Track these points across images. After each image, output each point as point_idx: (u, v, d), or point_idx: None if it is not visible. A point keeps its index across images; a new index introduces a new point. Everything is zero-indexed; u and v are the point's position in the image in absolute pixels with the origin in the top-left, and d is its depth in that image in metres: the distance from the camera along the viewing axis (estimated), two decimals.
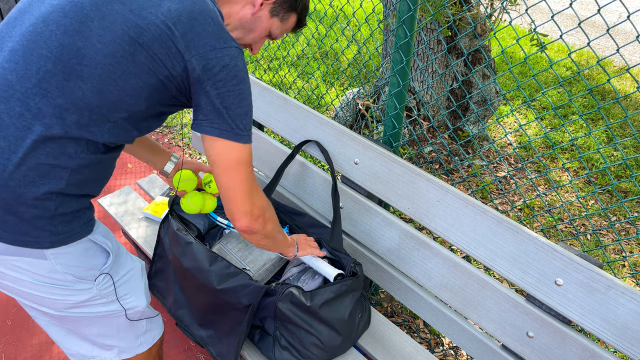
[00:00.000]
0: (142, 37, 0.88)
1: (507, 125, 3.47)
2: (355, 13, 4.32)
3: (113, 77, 0.89)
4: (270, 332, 1.32)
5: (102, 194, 2.69)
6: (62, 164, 0.91)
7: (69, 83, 0.87)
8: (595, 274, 1.08)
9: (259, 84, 1.76)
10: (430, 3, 2.01)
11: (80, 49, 0.87)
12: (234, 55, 0.93)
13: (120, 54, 0.88)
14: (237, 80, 0.94)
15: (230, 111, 0.94)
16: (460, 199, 1.28)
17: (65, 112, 0.88)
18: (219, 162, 0.97)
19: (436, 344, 1.93)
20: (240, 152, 0.97)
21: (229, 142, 0.96)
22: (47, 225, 0.94)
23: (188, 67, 0.91)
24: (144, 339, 1.25)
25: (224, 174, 0.98)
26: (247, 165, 0.99)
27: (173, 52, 0.89)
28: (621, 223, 2.58)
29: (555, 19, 5.01)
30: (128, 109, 0.93)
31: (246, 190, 1.00)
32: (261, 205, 1.05)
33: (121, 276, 1.13)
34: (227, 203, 1.01)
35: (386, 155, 1.42)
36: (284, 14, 1.12)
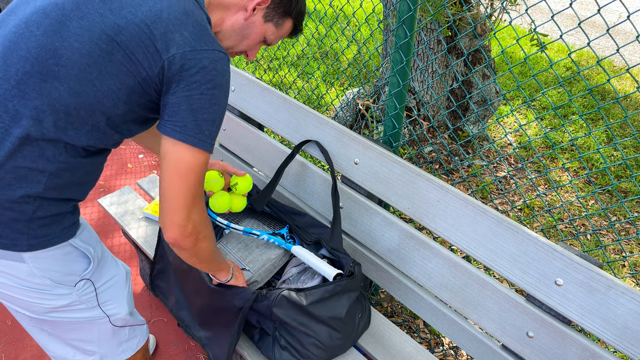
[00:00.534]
0: (119, 35, 0.85)
1: (507, 125, 3.47)
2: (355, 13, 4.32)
3: (90, 77, 0.86)
4: (270, 333, 1.32)
5: (102, 194, 2.69)
6: (40, 167, 0.89)
7: (45, 84, 0.85)
8: (595, 274, 1.08)
9: (259, 84, 1.76)
10: (430, 3, 2.01)
11: (57, 49, 0.85)
12: (215, 59, 0.89)
13: (97, 53, 0.85)
14: (212, 85, 0.89)
15: (198, 114, 0.89)
16: (460, 199, 1.28)
17: (42, 114, 0.86)
18: (170, 164, 0.90)
19: (436, 344, 1.93)
20: (196, 159, 0.91)
21: (187, 146, 0.89)
22: (25, 228, 0.92)
23: (165, 67, 0.87)
24: (127, 346, 1.25)
25: (169, 178, 0.91)
26: (198, 174, 0.92)
27: (151, 51, 0.86)
28: (621, 223, 2.58)
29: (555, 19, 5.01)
30: (106, 111, 0.90)
31: (187, 202, 0.92)
32: (198, 222, 0.97)
33: (103, 282, 1.11)
34: (162, 209, 0.94)
35: (386, 155, 1.42)
36: (278, 19, 1.09)
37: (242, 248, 1.52)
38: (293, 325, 1.27)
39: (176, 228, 0.94)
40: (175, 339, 1.90)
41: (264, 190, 1.57)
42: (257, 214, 1.68)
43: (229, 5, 1.03)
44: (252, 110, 1.79)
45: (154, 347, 1.86)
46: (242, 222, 1.62)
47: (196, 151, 0.90)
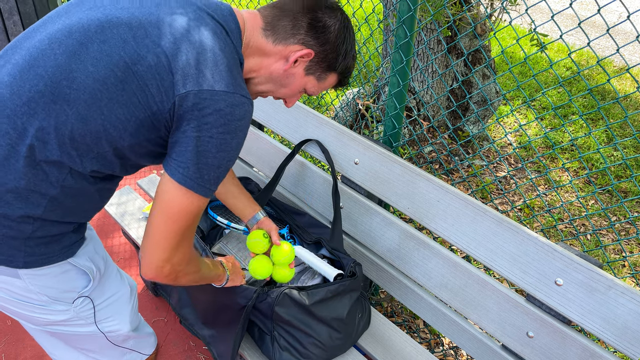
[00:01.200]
0: (137, 65, 0.82)
1: (507, 125, 3.47)
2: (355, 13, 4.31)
3: (99, 104, 0.83)
4: (270, 333, 1.32)
5: None
6: (42, 190, 0.86)
7: (55, 105, 0.82)
8: (595, 274, 1.08)
9: None
10: (430, 3, 2.01)
11: (72, 70, 0.82)
12: (234, 103, 0.84)
13: (111, 80, 0.82)
14: (225, 129, 0.83)
15: (203, 159, 0.84)
16: (460, 199, 1.28)
17: (47, 135, 0.83)
18: (163, 203, 0.86)
19: (436, 344, 1.93)
20: (191, 204, 0.86)
21: (183, 189, 0.85)
22: (22, 245, 0.89)
23: (176, 103, 0.82)
24: (131, 356, 1.23)
25: (159, 216, 0.86)
26: (189, 218, 0.88)
27: (166, 85, 0.82)
28: (621, 223, 2.58)
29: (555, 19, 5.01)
30: (112, 141, 0.86)
31: (170, 244, 0.88)
32: (177, 264, 0.91)
33: (104, 299, 1.09)
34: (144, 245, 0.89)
35: (386, 155, 1.42)
36: (321, 72, 1.02)
37: (242, 248, 1.52)
38: (294, 325, 1.27)
39: (153, 268, 0.89)
40: (175, 339, 1.90)
41: (265, 190, 1.57)
42: None
43: (269, 53, 0.97)
44: (253, 110, 1.79)
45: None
46: (242, 222, 1.62)
47: (192, 195, 0.86)
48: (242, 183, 1.65)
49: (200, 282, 1.06)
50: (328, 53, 0.98)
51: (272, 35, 0.95)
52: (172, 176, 0.85)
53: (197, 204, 0.87)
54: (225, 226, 1.51)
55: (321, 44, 0.97)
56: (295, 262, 1.52)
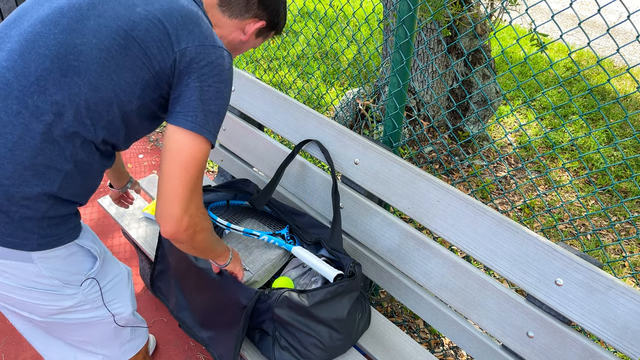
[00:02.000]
0: (135, 30, 0.90)
1: (507, 125, 3.47)
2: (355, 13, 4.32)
3: (108, 71, 0.90)
4: (270, 333, 1.32)
5: (102, 194, 2.69)
6: (58, 166, 0.91)
7: (65, 79, 0.88)
8: (595, 274, 1.08)
9: (259, 84, 1.76)
10: (430, 3, 2.01)
11: (77, 45, 0.89)
12: (221, 55, 0.95)
13: (115, 48, 0.90)
14: (219, 79, 0.94)
15: (207, 106, 0.93)
16: (460, 199, 1.28)
17: (62, 108, 0.89)
18: (175, 153, 0.92)
19: (436, 344, 1.93)
20: (200, 149, 0.93)
21: (194, 135, 0.92)
22: (35, 227, 0.93)
23: (177, 59, 0.92)
24: (128, 346, 1.25)
25: (172, 167, 0.92)
26: (200, 165, 0.94)
27: (164, 44, 0.92)
28: (621, 223, 2.58)
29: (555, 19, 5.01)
30: (121, 106, 0.93)
31: (185, 193, 0.93)
32: (195, 215, 0.96)
33: (107, 281, 1.12)
34: (159, 201, 0.93)
35: (386, 155, 1.42)
36: (267, 33, 1.20)
37: (242, 248, 1.52)
38: (294, 325, 1.27)
39: (173, 221, 0.93)
40: (175, 339, 1.90)
41: (264, 190, 1.57)
42: (258, 214, 1.68)
43: (225, 25, 1.10)
44: (252, 110, 1.79)
45: (154, 347, 1.86)
46: (242, 223, 1.62)
47: (203, 141, 0.94)
48: (241, 185, 1.66)
49: (211, 249, 1.12)
50: (273, 18, 1.16)
51: (227, 11, 1.09)
52: (183, 125, 0.92)
53: (205, 150, 0.95)
54: (226, 227, 1.51)
55: (269, 13, 1.14)
56: (295, 263, 1.52)
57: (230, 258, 1.26)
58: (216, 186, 1.64)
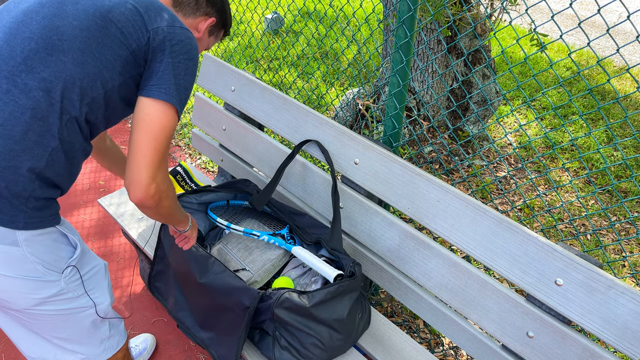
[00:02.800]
0: (111, 12, 0.99)
1: (507, 125, 3.47)
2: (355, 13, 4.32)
3: (90, 48, 0.97)
4: (270, 333, 1.32)
5: (102, 194, 2.69)
6: (45, 141, 0.96)
7: (51, 57, 0.94)
8: (595, 274, 1.08)
9: (259, 84, 1.76)
10: (430, 3, 2.01)
11: (59, 27, 0.96)
12: (189, 36, 1.05)
13: (94, 27, 0.98)
14: (188, 56, 1.04)
15: (178, 80, 1.02)
16: (460, 199, 1.28)
17: (50, 84, 0.94)
18: (148, 123, 0.99)
19: (436, 344, 1.93)
20: (170, 119, 1.01)
21: (166, 105, 1.01)
22: (23, 205, 0.97)
23: (150, 37, 1.01)
24: (108, 344, 1.26)
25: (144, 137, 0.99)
26: (169, 134, 1.02)
27: (139, 24, 1.01)
28: (621, 223, 2.58)
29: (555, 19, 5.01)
30: (104, 83, 1.00)
31: (153, 161, 1.00)
32: (161, 182, 1.03)
33: (87, 271, 1.16)
34: (129, 169, 1.00)
35: (386, 155, 1.42)
36: (217, 32, 1.31)
37: (242, 248, 1.52)
38: (294, 325, 1.27)
39: (142, 188, 1.00)
40: (175, 339, 1.90)
41: (265, 190, 1.57)
42: (258, 214, 1.69)
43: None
44: (252, 110, 1.79)
45: (154, 347, 1.86)
46: (242, 223, 1.62)
47: (173, 111, 1.02)
48: (241, 185, 1.66)
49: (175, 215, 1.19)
50: (222, 15, 1.27)
51: (180, 11, 1.20)
52: (156, 97, 1.00)
53: (174, 120, 1.03)
54: (225, 227, 1.51)
55: (217, 10, 1.25)
56: (295, 263, 1.52)
57: (189, 225, 1.34)
58: (216, 186, 1.64)
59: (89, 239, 2.36)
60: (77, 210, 2.55)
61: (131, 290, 2.10)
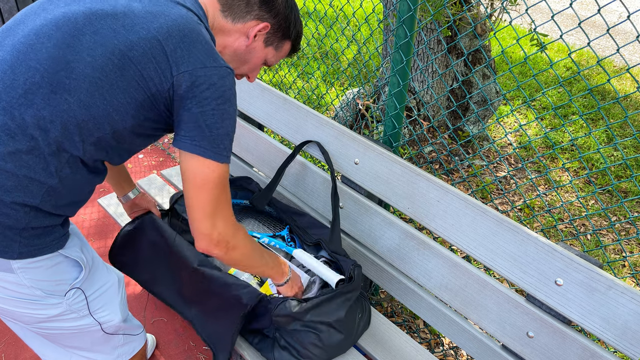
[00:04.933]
0: (132, 51, 0.88)
1: (507, 125, 3.47)
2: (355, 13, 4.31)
3: (100, 90, 0.88)
4: (270, 335, 1.32)
5: (102, 194, 2.69)
6: (41, 179, 0.90)
7: (55, 95, 0.87)
8: (595, 274, 1.08)
9: (259, 84, 1.76)
10: (430, 3, 2.01)
11: (69, 62, 0.87)
12: (223, 75, 0.93)
13: (109, 67, 0.88)
14: (222, 100, 0.92)
15: (213, 130, 0.92)
16: (460, 199, 1.28)
17: (49, 124, 0.87)
18: (191, 178, 0.94)
19: (436, 344, 1.93)
20: (215, 172, 0.94)
21: (206, 160, 0.93)
22: (17, 236, 0.91)
23: (175, 83, 0.90)
24: (122, 350, 1.24)
25: (192, 190, 0.95)
26: (219, 186, 0.96)
27: (162, 67, 0.89)
28: (621, 223, 2.58)
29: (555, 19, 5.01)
30: (114, 125, 0.92)
31: (209, 212, 0.96)
32: (224, 232, 0.99)
33: (95, 290, 1.10)
34: (190, 220, 0.98)
35: (386, 155, 1.42)
36: (278, 42, 1.13)
37: None
38: (294, 327, 1.27)
39: (203, 237, 0.98)
40: (175, 339, 1.90)
41: (265, 190, 1.57)
42: (256, 214, 1.68)
43: (230, 32, 1.06)
44: (252, 110, 1.79)
45: (154, 347, 1.86)
46: (241, 222, 1.62)
47: (214, 164, 0.94)
48: (243, 183, 1.65)
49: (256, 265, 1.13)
50: (281, 23, 1.09)
51: (230, 15, 1.04)
52: (190, 151, 0.92)
53: (220, 171, 0.95)
54: None
55: (274, 15, 1.07)
56: (295, 263, 1.52)
57: (286, 280, 1.28)
58: None
59: (89, 239, 2.36)
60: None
61: (131, 290, 2.10)
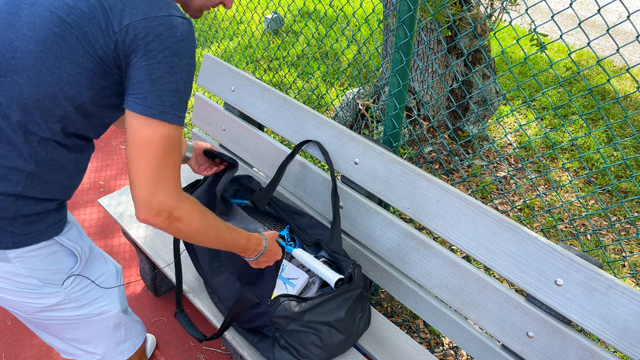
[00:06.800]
0: (70, 15, 0.82)
1: (507, 125, 3.47)
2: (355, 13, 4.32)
3: (47, 64, 0.83)
4: (270, 335, 1.32)
5: (102, 194, 2.69)
6: (18, 166, 0.88)
7: (5, 79, 0.84)
8: (595, 274, 1.08)
9: (259, 84, 1.76)
10: (430, 3, 2.01)
11: (12, 41, 0.83)
12: (172, 25, 0.84)
13: (50, 38, 0.82)
14: (170, 52, 0.84)
15: (158, 85, 0.84)
16: (460, 199, 1.28)
17: (7, 109, 0.85)
18: (131, 137, 0.85)
19: (436, 344, 1.93)
20: (157, 132, 0.85)
21: (147, 119, 0.84)
22: (8, 226, 0.90)
23: (118, 40, 0.83)
24: (124, 347, 1.24)
25: (131, 152, 0.85)
26: (162, 148, 0.86)
27: (103, 26, 0.82)
28: (621, 223, 2.58)
29: (555, 19, 5.01)
30: (71, 99, 0.87)
31: (149, 178, 0.85)
32: (165, 201, 0.88)
33: (94, 279, 1.10)
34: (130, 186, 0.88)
35: (386, 155, 1.42)
36: None
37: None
38: (293, 327, 1.27)
39: (141, 206, 0.87)
40: (175, 338, 1.90)
41: (266, 189, 1.57)
42: (256, 213, 1.68)
43: None
44: (252, 110, 1.79)
45: (154, 347, 1.86)
46: None
47: (158, 123, 0.85)
48: (244, 181, 1.65)
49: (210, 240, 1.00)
50: None
51: None
52: (133, 110, 0.84)
53: (165, 132, 0.86)
54: None
55: None
56: (295, 263, 1.52)
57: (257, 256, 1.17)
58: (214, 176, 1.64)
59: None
60: (77, 210, 2.55)
61: (131, 290, 2.10)
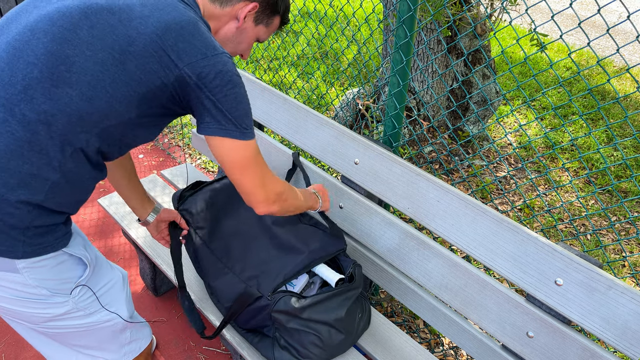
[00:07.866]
0: (132, 46, 0.89)
1: (507, 125, 3.47)
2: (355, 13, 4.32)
3: (102, 84, 0.89)
4: (270, 335, 1.32)
5: (102, 194, 2.69)
6: (44, 175, 0.90)
7: (56, 90, 0.87)
8: (595, 274, 1.08)
9: (259, 84, 1.76)
10: (430, 3, 2.01)
11: (69, 56, 0.87)
12: (225, 62, 0.96)
13: (110, 62, 0.88)
14: (232, 85, 0.96)
15: (232, 113, 0.97)
16: (460, 199, 1.28)
17: (51, 117, 0.87)
18: (229, 161, 1.01)
19: (436, 344, 1.93)
20: (247, 150, 1.01)
21: (236, 142, 0.99)
22: (21, 235, 0.91)
23: (182, 76, 0.92)
24: (129, 348, 1.24)
25: (234, 172, 1.02)
26: (255, 159, 1.03)
27: (165, 61, 0.91)
28: (621, 223, 2.58)
29: (555, 19, 5.01)
30: (118, 116, 0.93)
31: (257, 183, 1.05)
32: (276, 191, 1.09)
33: (100, 287, 1.11)
34: (244, 195, 1.06)
35: (386, 155, 1.42)
36: (267, 19, 1.15)
37: None
38: (293, 327, 1.27)
39: (261, 204, 1.07)
40: (175, 338, 1.90)
41: None
42: None
43: (220, 16, 1.08)
44: (252, 110, 1.79)
45: (154, 347, 1.86)
46: None
47: (244, 143, 1.00)
48: None
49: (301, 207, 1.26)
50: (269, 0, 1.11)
51: (217, 1, 1.07)
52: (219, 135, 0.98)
53: (251, 148, 1.02)
54: None
55: None
56: None
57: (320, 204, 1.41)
58: (218, 178, 1.64)
59: (90, 239, 2.36)
60: None
61: (131, 290, 2.10)
